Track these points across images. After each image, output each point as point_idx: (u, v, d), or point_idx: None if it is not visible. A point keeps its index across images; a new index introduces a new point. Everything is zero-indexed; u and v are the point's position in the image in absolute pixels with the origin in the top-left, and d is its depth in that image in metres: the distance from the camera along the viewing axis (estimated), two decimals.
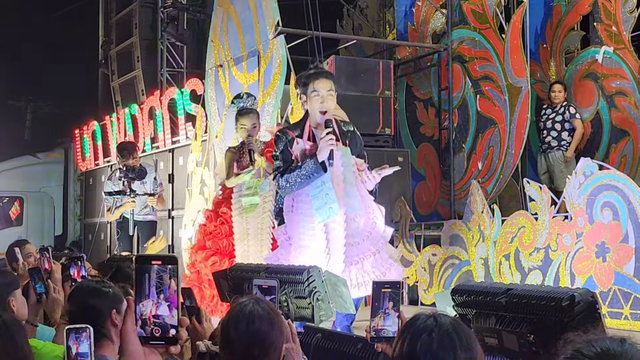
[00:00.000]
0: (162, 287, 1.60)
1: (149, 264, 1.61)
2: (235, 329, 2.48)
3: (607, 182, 6.59)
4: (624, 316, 6.35)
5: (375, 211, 5.28)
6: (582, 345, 1.65)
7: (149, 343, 1.63)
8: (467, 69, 9.60)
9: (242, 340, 2.46)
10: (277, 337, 2.51)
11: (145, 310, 1.61)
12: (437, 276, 8.10)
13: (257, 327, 2.47)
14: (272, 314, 2.54)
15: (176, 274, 1.61)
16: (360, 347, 3.55)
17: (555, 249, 6.91)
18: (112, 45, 15.31)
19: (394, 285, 2.69)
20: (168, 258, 1.63)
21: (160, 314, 1.61)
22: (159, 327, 1.61)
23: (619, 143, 9.15)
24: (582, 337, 1.69)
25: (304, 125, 5.25)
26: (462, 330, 2.01)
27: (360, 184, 5.22)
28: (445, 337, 1.97)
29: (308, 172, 5.02)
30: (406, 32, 10.78)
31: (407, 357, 1.99)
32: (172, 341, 1.62)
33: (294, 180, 5.08)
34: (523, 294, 3.16)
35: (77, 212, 16.04)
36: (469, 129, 9.60)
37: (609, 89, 9.22)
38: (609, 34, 9.15)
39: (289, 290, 4.42)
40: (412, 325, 2.05)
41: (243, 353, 2.45)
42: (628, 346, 1.65)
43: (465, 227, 7.85)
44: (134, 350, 1.63)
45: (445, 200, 10.00)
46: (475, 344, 2.00)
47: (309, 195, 5.09)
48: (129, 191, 8.17)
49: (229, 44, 9.43)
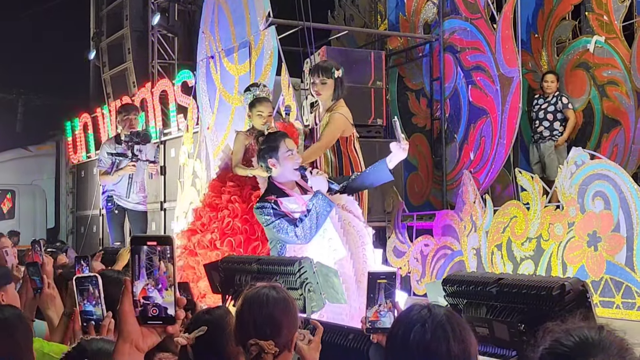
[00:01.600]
0: (152, 268, 1.60)
1: (144, 244, 1.61)
2: (249, 310, 2.56)
3: (599, 171, 6.60)
4: (616, 305, 6.37)
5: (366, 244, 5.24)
6: (561, 335, 1.66)
7: (146, 323, 1.62)
8: (458, 59, 9.59)
9: (256, 320, 2.53)
10: (290, 322, 2.59)
11: (136, 291, 1.61)
12: (429, 266, 8.11)
13: (271, 310, 2.55)
14: (288, 300, 2.63)
15: (171, 254, 1.61)
16: (351, 338, 3.55)
17: (547, 239, 6.92)
18: (103, 37, 15.24)
19: (390, 276, 2.69)
20: (163, 238, 1.62)
21: (150, 295, 1.61)
22: (156, 307, 1.61)
23: (611, 132, 9.16)
24: (561, 326, 1.69)
25: (275, 187, 5.22)
26: (456, 321, 2.00)
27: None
28: (438, 328, 1.96)
29: (320, 211, 4.98)
30: (398, 22, 10.75)
31: (400, 348, 1.99)
32: (169, 320, 1.62)
33: (308, 227, 4.99)
34: (514, 283, 3.17)
35: (69, 205, 15.99)
36: (461, 119, 9.60)
37: (601, 78, 9.22)
38: (601, 23, 9.15)
39: (281, 281, 4.41)
40: (405, 316, 2.05)
41: (255, 332, 2.51)
42: (606, 334, 1.66)
43: (457, 217, 7.85)
44: (131, 330, 1.62)
45: (437, 190, 10.01)
46: (469, 336, 2.00)
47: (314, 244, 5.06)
48: (131, 155, 8.17)
49: (220, 36, 9.40)
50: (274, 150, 5.19)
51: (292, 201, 5.12)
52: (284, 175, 5.23)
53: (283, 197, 5.12)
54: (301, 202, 5.09)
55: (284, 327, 2.55)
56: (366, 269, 4.97)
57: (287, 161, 5.19)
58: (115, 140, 8.64)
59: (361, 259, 5.11)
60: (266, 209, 5.08)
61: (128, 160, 8.21)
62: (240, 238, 6.27)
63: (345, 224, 5.16)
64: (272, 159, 5.17)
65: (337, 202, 5.18)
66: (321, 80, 6.22)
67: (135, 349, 1.63)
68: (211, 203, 6.63)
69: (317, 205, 4.94)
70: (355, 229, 5.20)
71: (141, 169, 8.53)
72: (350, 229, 5.18)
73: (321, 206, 4.94)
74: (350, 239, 5.13)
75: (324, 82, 6.21)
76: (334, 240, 5.03)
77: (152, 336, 1.64)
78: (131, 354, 1.63)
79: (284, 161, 5.18)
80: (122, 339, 1.63)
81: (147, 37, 13.68)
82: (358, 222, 5.24)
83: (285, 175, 5.24)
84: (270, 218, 5.05)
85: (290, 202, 5.11)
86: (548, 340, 1.67)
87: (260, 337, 2.48)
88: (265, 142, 5.35)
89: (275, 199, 5.10)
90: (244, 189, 6.54)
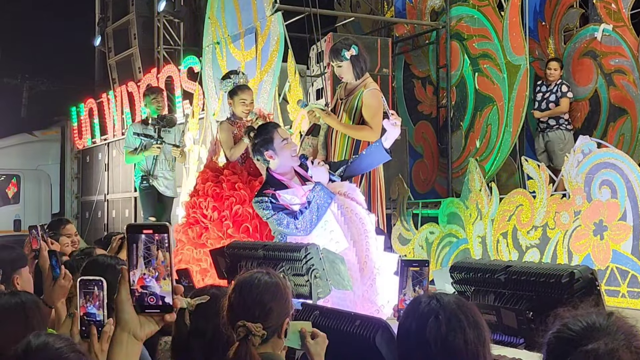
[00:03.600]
0: (149, 258, 1.60)
1: (140, 232, 1.61)
2: (239, 292, 2.58)
3: (606, 160, 6.58)
4: (622, 294, 6.36)
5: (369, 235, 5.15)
6: (569, 320, 1.66)
7: (144, 312, 1.62)
8: (465, 46, 9.56)
9: (245, 302, 2.55)
10: (280, 307, 2.59)
11: (134, 280, 1.61)
12: (434, 254, 8.10)
13: (261, 293, 2.57)
14: (280, 285, 2.63)
15: (168, 243, 1.61)
16: (358, 324, 3.54)
17: (553, 227, 6.90)
18: (108, 22, 15.22)
19: (422, 264, 2.69)
20: (159, 227, 1.62)
21: (147, 284, 1.61)
22: (153, 296, 1.61)
23: (617, 121, 9.12)
24: (571, 312, 1.69)
25: (274, 180, 5.12)
26: (466, 307, 2.00)
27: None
28: (452, 319, 1.95)
29: (321, 203, 4.88)
30: (404, 9, 10.71)
31: (416, 344, 1.96)
32: (167, 309, 1.62)
33: (309, 220, 4.89)
34: (522, 271, 3.16)
35: (74, 190, 16.02)
36: (467, 107, 9.57)
37: (608, 67, 9.17)
38: (608, 11, 9.10)
39: (287, 267, 4.41)
40: (415, 310, 2.02)
41: (244, 314, 2.52)
42: (614, 319, 1.66)
43: (463, 205, 7.84)
44: (129, 319, 1.62)
45: (442, 178, 9.99)
46: (480, 319, 2.00)
47: (315, 236, 5.00)
48: (157, 137, 8.19)
49: (226, 21, 9.38)
50: (269, 142, 5.08)
51: (291, 193, 5.06)
52: (283, 165, 5.14)
53: (282, 190, 5.05)
54: (301, 192, 5.03)
55: (273, 311, 2.56)
56: (369, 257, 4.97)
57: (284, 150, 5.08)
58: (142, 122, 8.61)
59: (364, 247, 5.07)
60: (264, 203, 4.98)
61: (154, 142, 8.22)
62: (256, 223, 6.23)
63: (347, 211, 5.11)
64: (268, 151, 5.08)
65: (339, 190, 5.11)
66: (336, 64, 6.10)
67: (133, 338, 1.64)
68: (212, 193, 6.57)
69: (317, 197, 4.88)
70: (358, 216, 5.15)
71: (168, 151, 8.52)
72: (353, 217, 5.13)
73: (322, 197, 4.88)
74: (353, 227, 5.07)
75: (339, 65, 6.06)
76: (335, 233, 4.97)
77: (149, 324, 1.65)
78: (129, 342, 1.64)
79: (280, 151, 5.08)
80: (120, 328, 1.64)
81: (153, 23, 13.68)
82: (361, 210, 5.19)
83: (284, 165, 5.15)
84: (270, 212, 4.97)
85: (289, 194, 5.04)
86: (557, 325, 1.67)
87: (248, 319, 2.50)
88: (258, 135, 5.22)
89: (274, 192, 5.01)
90: (242, 175, 6.52)
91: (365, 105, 5.95)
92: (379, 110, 5.95)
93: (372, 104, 5.95)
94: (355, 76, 6.03)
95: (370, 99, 5.96)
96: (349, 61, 5.98)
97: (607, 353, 1.58)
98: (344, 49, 5.99)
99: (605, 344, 1.59)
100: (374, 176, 5.99)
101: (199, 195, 6.67)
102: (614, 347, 1.59)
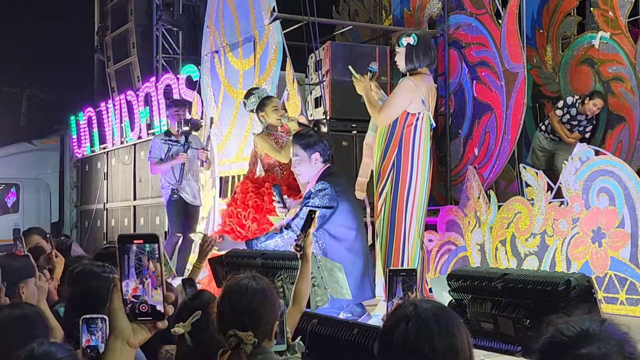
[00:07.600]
0: (141, 268, 1.63)
1: (131, 243, 1.63)
2: (228, 300, 2.59)
3: (604, 167, 6.59)
4: (620, 301, 6.36)
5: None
6: (563, 326, 1.67)
7: (137, 320, 1.65)
8: (463, 54, 9.58)
9: (235, 310, 2.55)
10: (269, 313, 2.60)
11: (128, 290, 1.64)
12: (433, 262, 8.11)
13: (250, 299, 2.57)
14: (267, 291, 2.65)
15: (158, 253, 1.64)
16: (356, 333, 3.55)
17: (551, 235, 6.91)
18: (107, 31, 15.25)
19: (410, 272, 2.69)
20: (149, 236, 1.64)
21: (139, 294, 1.64)
22: (145, 304, 1.64)
23: (615, 129, 9.13)
24: (565, 318, 1.70)
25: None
26: (443, 316, 1.92)
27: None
28: (423, 326, 1.88)
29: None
30: (402, 17, 10.73)
31: (384, 348, 1.92)
32: (159, 316, 1.65)
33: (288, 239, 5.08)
34: (519, 279, 3.17)
35: (73, 199, 16.02)
36: (465, 114, 9.58)
37: (606, 74, 9.19)
38: (606, 19, 9.12)
39: (285, 276, 4.42)
40: (392, 314, 1.98)
41: (234, 322, 2.53)
42: (607, 326, 1.66)
43: (461, 213, 7.85)
44: (123, 327, 1.65)
45: (441, 185, 9.99)
46: (457, 330, 1.91)
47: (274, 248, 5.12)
48: (184, 141, 8.21)
49: (225, 30, 9.40)
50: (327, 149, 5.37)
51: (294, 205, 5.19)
52: (305, 176, 5.30)
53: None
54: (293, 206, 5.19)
55: (262, 318, 2.57)
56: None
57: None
58: (165, 135, 8.63)
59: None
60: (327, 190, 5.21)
61: (181, 147, 8.24)
62: None
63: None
64: (316, 153, 5.29)
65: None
66: (396, 50, 6.17)
67: (126, 345, 1.66)
68: (253, 204, 6.57)
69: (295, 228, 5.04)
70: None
71: (194, 158, 8.52)
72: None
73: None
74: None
75: (397, 51, 6.12)
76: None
77: (142, 332, 1.67)
78: (123, 350, 1.66)
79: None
80: (114, 336, 1.66)
81: (152, 32, 13.70)
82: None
83: (306, 176, 5.31)
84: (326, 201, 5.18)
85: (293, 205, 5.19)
86: (551, 330, 1.69)
87: (238, 328, 2.51)
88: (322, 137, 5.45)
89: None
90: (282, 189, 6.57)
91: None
92: (397, 92, 6.07)
93: (397, 87, 6.13)
94: (408, 66, 6.06)
95: (399, 83, 6.13)
96: (405, 48, 6.01)
97: (600, 357, 1.59)
98: (405, 35, 6.02)
99: (599, 349, 1.60)
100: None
101: (237, 204, 6.66)
102: (607, 352, 1.60)
